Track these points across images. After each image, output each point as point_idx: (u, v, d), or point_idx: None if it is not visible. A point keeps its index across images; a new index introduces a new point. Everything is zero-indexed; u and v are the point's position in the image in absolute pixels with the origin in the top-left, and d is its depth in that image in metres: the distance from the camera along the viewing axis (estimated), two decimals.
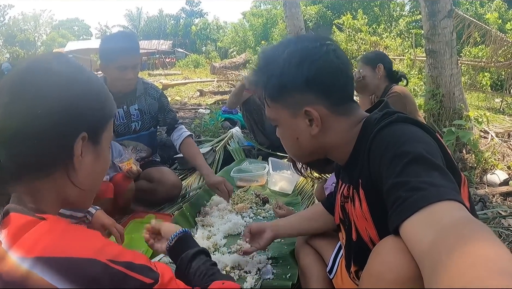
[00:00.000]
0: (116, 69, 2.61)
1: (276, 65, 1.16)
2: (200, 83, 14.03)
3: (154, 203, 2.79)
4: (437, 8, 4.17)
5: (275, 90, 1.18)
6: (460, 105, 4.34)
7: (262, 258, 1.96)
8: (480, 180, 3.35)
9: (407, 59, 10.96)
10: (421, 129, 1.02)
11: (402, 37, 15.56)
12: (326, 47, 1.14)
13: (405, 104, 3.02)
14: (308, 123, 1.16)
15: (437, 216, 0.75)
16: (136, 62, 2.71)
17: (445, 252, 0.65)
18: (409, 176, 0.85)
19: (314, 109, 1.13)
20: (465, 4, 16.42)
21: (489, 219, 2.56)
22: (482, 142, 4.25)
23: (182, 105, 8.73)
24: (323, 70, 1.12)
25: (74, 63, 0.90)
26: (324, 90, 1.13)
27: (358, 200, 1.12)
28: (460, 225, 0.70)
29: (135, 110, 2.88)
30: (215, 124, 4.92)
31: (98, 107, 0.88)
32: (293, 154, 1.34)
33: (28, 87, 0.79)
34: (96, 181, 0.94)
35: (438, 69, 4.34)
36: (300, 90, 1.13)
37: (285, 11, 7.63)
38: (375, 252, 0.88)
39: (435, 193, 0.78)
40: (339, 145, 1.19)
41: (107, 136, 0.92)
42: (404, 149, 0.91)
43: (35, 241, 0.71)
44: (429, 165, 0.86)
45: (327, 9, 21.65)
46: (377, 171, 0.99)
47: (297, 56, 1.13)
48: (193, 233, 2.26)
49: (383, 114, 1.10)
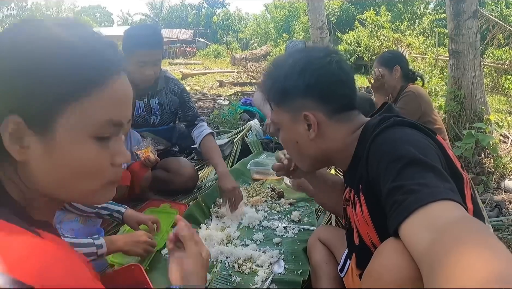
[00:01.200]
0: (136, 63, 2.50)
1: (281, 70, 1.26)
2: (220, 73, 14.05)
3: (170, 193, 2.81)
4: (462, 8, 4.11)
5: (278, 94, 1.27)
6: (481, 107, 4.29)
7: (275, 253, 1.98)
8: (497, 186, 3.31)
9: (429, 57, 10.78)
10: (418, 131, 1.04)
11: (425, 35, 15.29)
12: (330, 58, 1.21)
13: (420, 103, 3.01)
14: (306, 127, 1.22)
15: (432, 216, 0.76)
16: (157, 58, 2.59)
17: (441, 253, 0.66)
18: (404, 180, 0.87)
19: (312, 114, 1.19)
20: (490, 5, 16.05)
21: (504, 226, 2.53)
22: (501, 146, 4.19)
23: (201, 95, 8.77)
24: (323, 78, 1.19)
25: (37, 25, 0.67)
26: (323, 97, 1.20)
27: (359, 205, 1.15)
28: (455, 225, 0.71)
29: (156, 104, 2.85)
30: (234, 115, 4.94)
31: (43, 84, 0.63)
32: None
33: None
34: (61, 181, 0.68)
35: (460, 70, 4.28)
36: (300, 95, 1.21)
37: (308, 4, 7.61)
38: (376, 254, 0.90)
39: (429, 194, 0.80)
40: (339, 151, 1.24)
41: (73, 124, 0.65)
42: (398, 153, 0.94)
43: (20, 259, 0.54)
44: (423, 167, 0.88)
45: (350, 4, 21.38)
46: (375, 178, 1.01)
47: (301, 64, 1.22)
48: (208, 224, 2.30)
49: (380, 119, 1.13)
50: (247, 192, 2.74)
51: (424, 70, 10.06)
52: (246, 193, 2.70)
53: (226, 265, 1.92)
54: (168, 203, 2.51)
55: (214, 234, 2.13)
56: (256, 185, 2.92)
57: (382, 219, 0.94)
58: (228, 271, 1.87)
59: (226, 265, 1.91)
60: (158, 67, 2.64)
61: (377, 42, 14.44)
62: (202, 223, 2.29)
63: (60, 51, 0.64)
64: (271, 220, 2.37)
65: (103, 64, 0.68)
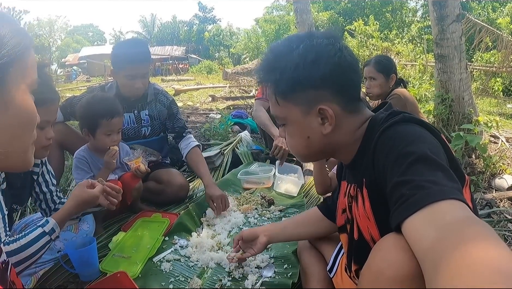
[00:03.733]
0: (125, 77, 2.66)
1: (289, 61, 1.12)
2: (212, 88, 14.10)
3: (162, 203, 2.82)
4: (445, 12, 4.16)
5: (288, 87, 1.13)
6: (469, 110, 4.32)
7: (265, 257, 1.98)
8: (488, 185, 3.33)
9: (419, 64, 10.91)
10: (425, 129, 1.02)
11: (414, 42, 15.49)
12: (339, 44, 1.12)
13: (405, 105, 3.11)
14: (320, 121, 1.14)
15: (439, 214, 0.75)
16: (145, 71, 2.72)
17: (446, 251, 0.66)
18: (413, 175, 0.86)
19: (328, 107, 1.11)
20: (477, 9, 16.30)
21: (494, 222, 2.56)
22: (492, 147, 4.22)
23: (193, 109, 8.79)
24: (339, 67, 1.10)
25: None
26: (339, 87, 1.11)
27: (361, 199, 1.13)
28: (462, 224, 0.70)
29: (146, 116, 2.92)
30: (225, 127, 4.97)
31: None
32: (299, 153, 1.28)
33: None
34: (14, 135, 0.80)
35: (447, 73, 4.32)
36: (315, 87, 1.11)
37: (296, 17, 7.67)
38: (376, 249, 0.89)
39: (438, 192, 0.79)
40: (346, 144, 1.18)
41: (19, 82, 0.79)
42: (409, 149, 0.92)
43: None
44: (433, 165, 0.87)
45: (339, 15, 21.67)
46: (381, 171, 0.99)
47: (313, 52, 1.10)
48: (199, 232, 2.30)
49: (389, 114, 1.10)
50: (237, 201, 2.75)
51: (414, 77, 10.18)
52: (236, 202, 2.72)
53: (216, 270, 1.92)
54: (159, 213, 2.51)
55: (205, 241, 2.13)
56: (247, 194, 2.94)
57: (384, 214, 0.94)
58: (219, 277, 1.87)
59: (217, 271, 1.92)
60: (146, 80, 2.77)
61: (366, 51, 14.57)
62: (193, 231, 2.29)
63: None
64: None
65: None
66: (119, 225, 2.47)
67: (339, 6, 22.89)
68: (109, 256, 2.02)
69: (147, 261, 1.98)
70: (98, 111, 2.28)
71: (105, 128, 2.31)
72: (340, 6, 22.80)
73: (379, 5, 21.62)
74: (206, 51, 42.54)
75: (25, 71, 0.80)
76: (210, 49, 42.20)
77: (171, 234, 2.25)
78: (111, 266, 1.92)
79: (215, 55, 41.21)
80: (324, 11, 22.18)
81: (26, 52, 0.80)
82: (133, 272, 1.84)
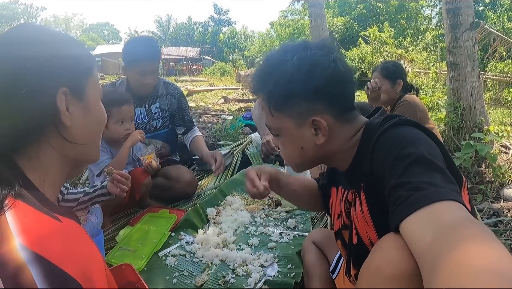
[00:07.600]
0: (136, 73, 2.78)
1: (283, 72, 1.12)
2: (225, 90, 14.16)
3: (171, 200, 2.86)
4: (459, 20, 4.16)
5: (282, 99, 1.14)
6: (480, 118, 4.30)
7: (269, 256, 2.01)
8: (496, 195, 3.32)
9: (432, 72, 10.85)
10: (422, 131, 1.03)
11: (428, 50, 15.40)
12: (333, 56, 1.12)
13: (416, 112, 3.08)
14: (313, 132, 1.14)
15: (436, 215, 0.75)
16: (154, 67, 2.86)
17: (443, 251, 0.66)
18: (411, 177, 0.86)
19: (321, 118, 1.11)
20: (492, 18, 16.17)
21: (500, 231, 2.55)
22: (502, 157, 4.18)
23: (206, 110, 8.84)
24: (333, 79, 1.10)
25: (45, 28, 0.93)
26: (332, 99, 1.12)
27: (359, 203, 1.13)
28: (460, 225, 0.71)
29: (156, 109, 3.02)
30: (236, 128, 4.99)
31: (74, 64, 0.90)
32: (293, 163, 1.28)
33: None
34: (93, 132, 0.97)
35: (459, 82, 4.31)
36: (308, 100, 1.11)
37: (310, 21, 7.69)
38: (376, 248, 0.90)
39: (436, 193, 0.79)
40: (341, 152, 1.18)
41: (93, 91, 0.95)
42: (406, 151, 0.92)
43: (43, 237, 0.68)
44: (431, 167, 0.88)
45: (354, 21, 21.63)
46: (379, 174, 0.99)
47: (307, 64, 1.10)
48: (205, 229, 2.33)
49: (384, 118, 1.10)
50: (245, 200, 2.77)
51: (427, 85, 10.12)
52: (244, 201, 2.74)
53: (220, 267, 1.95)
54: (167, 209, 2.55)
55: (210, 238, 2.16)
56: None
57: (382, 217, 0.94)
58: (222, 273, 1.90)
59: (221, 267, 1.95)
60: (156, 76, 2.91)
61: (380, 58, 14.55)
62: (200, 228, 2.32)
63: (71, 43, 0.93)
64: (267, 227, 2.40)
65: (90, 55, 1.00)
66: (126, 219, 2.51)
67: (354, 12, 22.88)
68: (116, 248, 2.07)
69: (153, 255, 2.01)
70: (107, 101, 2.34)
71: (116, 116, 2.44)
72: (355, 12, 22.79)
73: (394, 12, 21.58)
74: (220, 53, 42.70)
75: (96, 82, 0.97)
76: (224, 51, 42.34)
77: (178, 230, 2.28)
78: (117, 259, 1.96)
79: (229, 57, 41.32)
80: (339, 17, 22.19)
81: (94, 67, 0.98)
82: (138, 265, 1.87)
